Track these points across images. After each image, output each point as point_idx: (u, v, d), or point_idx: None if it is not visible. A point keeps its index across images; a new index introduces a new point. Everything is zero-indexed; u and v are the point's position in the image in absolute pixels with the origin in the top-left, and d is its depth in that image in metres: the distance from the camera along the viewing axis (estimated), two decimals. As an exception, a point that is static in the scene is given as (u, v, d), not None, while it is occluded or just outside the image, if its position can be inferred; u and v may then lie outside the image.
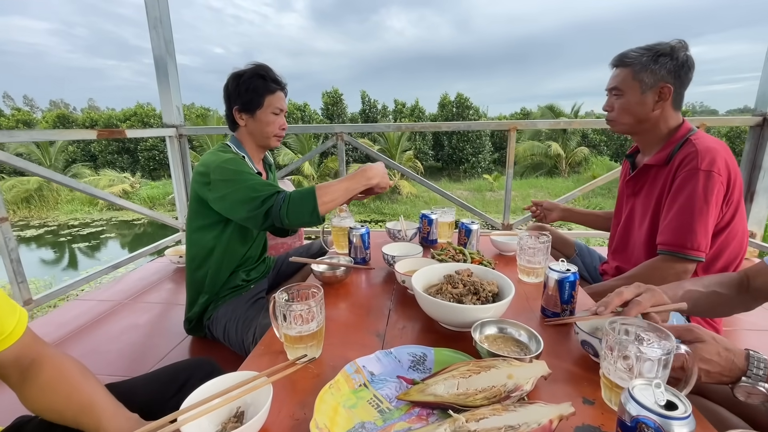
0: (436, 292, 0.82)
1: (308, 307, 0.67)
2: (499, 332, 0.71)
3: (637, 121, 1.09)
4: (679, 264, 0.98)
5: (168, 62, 2.08)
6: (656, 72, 1.02)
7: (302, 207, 1.00)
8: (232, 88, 1.18)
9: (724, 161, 0.98)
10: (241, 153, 1.20)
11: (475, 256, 1.04)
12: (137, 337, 1.41)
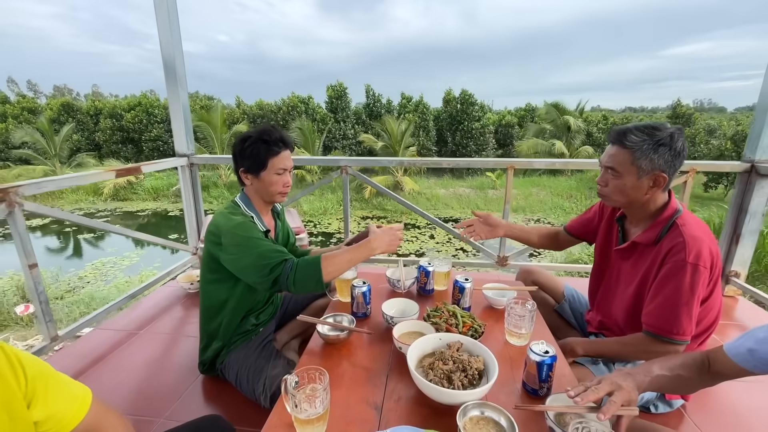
0: (429, 367, 0.92)
1: (315, 394, 0.77)
2: (481, 414, 0.81)
3: (629, 201, 1.16)
4: (664, 346, 1.08)
5: (180, 94, 2.17)
6: (654, 161, 1.08)
7: (308, 277, 1.10)
8: (237, 150, 1.28)
9: (708, 251, 1.06)
10: (250, 213, 1.29)
11: (467, 321, 1.14)
12: (154, 371, 1.52)
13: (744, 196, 1.99)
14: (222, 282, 1.27)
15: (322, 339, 1.13)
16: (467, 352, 0.96)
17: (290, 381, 0.79)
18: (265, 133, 1.26)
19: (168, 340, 1.74)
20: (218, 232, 1.21)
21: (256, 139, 1.25)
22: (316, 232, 12.99)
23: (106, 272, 9.66)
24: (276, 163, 1.27)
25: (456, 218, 14.66)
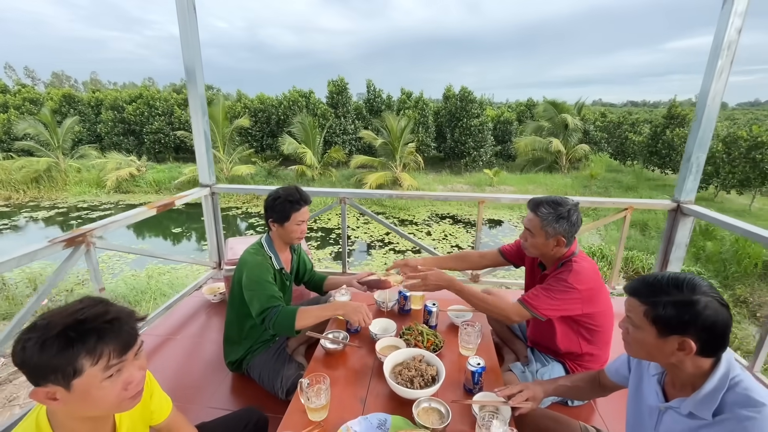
0: (398, 373, 1.34)
1: (320, 390, 1.19)
2: (429, 405, 1.23)
3: (541, 254, 1.60)
4: (524, 311, 1.50)
5: (204, 130, 2.56)
6: (556, 228, 1.50)
7: (284, 325, 1.53)
8: (269, 205, 1.69)
9: (588, 278, 1.49)
10: (269, 254, 1.71)
11: (431, 338, 1.55)
12: (192, 369, 1.94)
13: (671, 230, 2.40)
14: (247, 304, 1.67)
15: (324, 350, 1.54)
16: (426, 363, 1.38)
17: (304, 383, 1.21)
18: (291, 195, 1.68)
19: (198, 344, 2.16)
20: (242, 267, 1.63)
21: (284, 200, 1.66)
22: (316, 228, 13.37)
23: (113, 265, 9.95)
24: (297, 217, 1.69)
25: (453, 215, 15.01)
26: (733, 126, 26.99)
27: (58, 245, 1.68)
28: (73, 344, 0.71)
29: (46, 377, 0.72)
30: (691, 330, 0.89)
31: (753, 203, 16.36)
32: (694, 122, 2.22)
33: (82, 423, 0.82)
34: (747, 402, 0.86)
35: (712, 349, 0.91)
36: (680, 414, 0.97)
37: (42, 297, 1.60)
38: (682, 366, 0.95)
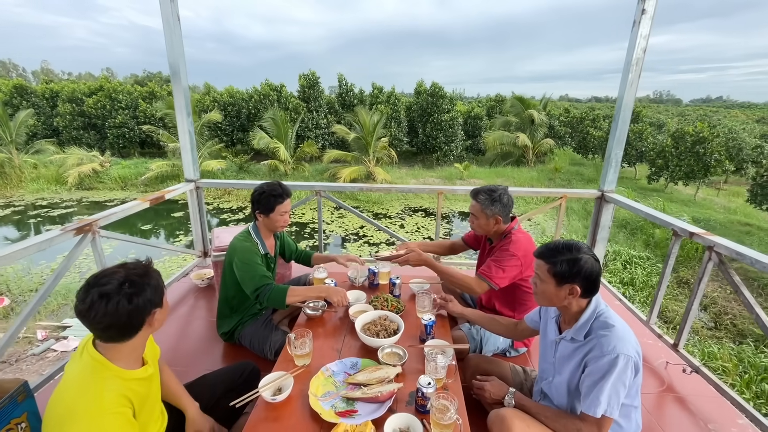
0: (367, 329, 1.67)
1: (305, 342, 1.50)
2: (391, 350, 1.57)
3: (486, 232, 1.98)
4: (484, 281, 1.88)
5: (188, 129, 2.76)
6: (493, 210, 1.88)
7: (276, 300, 1.82)
8: (256, 198, 1.96)
9: (524, 247, 1.87)
10: (256, 240, 1.98)
11: (394, 303, 1.89)
12: (189, 341, 2.20)
13: (598, 215, 2.87)
14: (238, 285, 1.95)
15: (306, 316, 1.85)
16: (389, 320, 1.72)
17: (292, 336, 1.52)
18: (274, 189, 1.96)
19: (190, 322, 2.41)
20: (233, 252, 1.91)
21: (268, 194, 1.94)
22: (291, 222, 13.49)
23: (79, 264, 9.71)
24: (280, 209, 1.97)
25: (425, 208, 15.49)
26: (683, 122, 29.10)
27: (69, 233, 1.89)
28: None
29: (155, 304, 1.10)
30: (577, 279, 1.28)
31: (697, 193, 17.88)
32: (612, 124, 2.67)
33: (132, 352, 1.13)
34: (604, 326, 1.27)
35: (589, 292, 1.31)
36: (566, 340, 1.36)
37: (59, 278, 1.81)
38: (570, 306, 1.34)
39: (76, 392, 1.02)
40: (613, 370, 1.19)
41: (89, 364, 1.06)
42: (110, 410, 1.02)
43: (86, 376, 1.05)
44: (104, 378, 1.05)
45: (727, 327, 7.66)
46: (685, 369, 2.01)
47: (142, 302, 1.05)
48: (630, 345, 1.22)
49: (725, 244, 1.85)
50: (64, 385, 1.05)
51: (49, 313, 7.14)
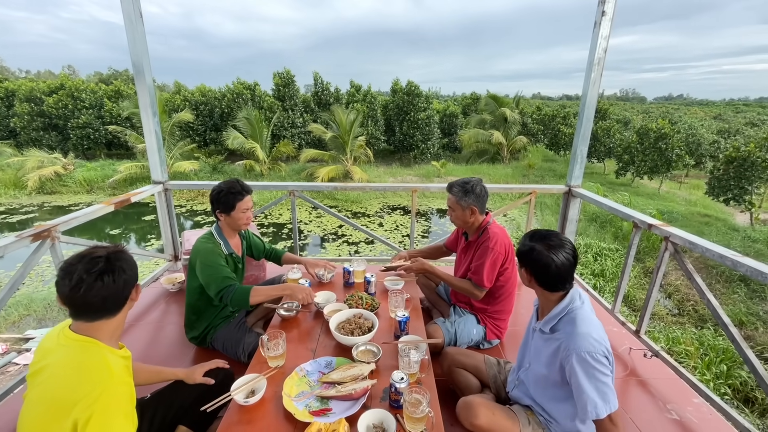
0: (342, 327, 1.68)
1: (278, 343, 1.49)
2: (366, 348, 1.58)
3: (465, 223, 2.02)
4: (475, 287, 1.95)
5: (154, 129, 2.67)
6: (467, 200, 1.92)
7: (240, 300, 1.78)
8: (214, 198, 1.91)
9: (501, 242, 1.92)
10: (219, 240, 1.94)
11: (369, 301, 1.90)
12: (158, 347, 2.13)
13: (565, 209, 2.98)
14: (201, 288, 1.90)
15: (281, 317, 1.84)
16: (364, 318, 1.73)
17: (264, 339, 1.50)
18: (233, 187, 1.91)
19: (161, 327, 2.34)
20: (195, 255, 1.87)
21: (227, 192, 1.89)
22: (267, 224, 13.26)
23: (42, 272, 9.24)
24: (241, 205, 1.93)
25: (404, 206, 15.57)
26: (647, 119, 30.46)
27: (25, 239, 1.79)
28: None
29: (136, 280, 1.17)
30: (529, 265, 1.36)
31: (661, 187, 18.79)
32: (578, 121, 2.77)
33: (114, 331, 1.16)
34: (571, 322, 1.31)
35: (548, 285, 1.35)
36: (537, 331, 1.41)
37: (14, 288, 1.71)
38: (541, 297, 1.41)
39: (78, 372, 1.03)
40: (596, 373, 1.22)
41: (79, 346, 1.07)
42: (120, 380, 1.07)
43: (82, 355, 1.06)
44: (102, 353, 1.08)
45: (689, 313, 8.11)
46: (646, 354, 2.12)
47: (129, 276, 1.13)
48: (603, 344, 1.25)
49: (680, 234, 1.96)
50: (55, 373, 1.05)
51: (10, 324, 6.75)
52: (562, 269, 1.31)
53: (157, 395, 1.49)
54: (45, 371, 1.07)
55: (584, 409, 1.24)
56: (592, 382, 1.22)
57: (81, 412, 0.98)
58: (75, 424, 0.99)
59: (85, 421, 0.98)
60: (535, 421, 1.42)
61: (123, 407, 1.05)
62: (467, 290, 2.01)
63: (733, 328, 1.66)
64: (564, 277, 1.33)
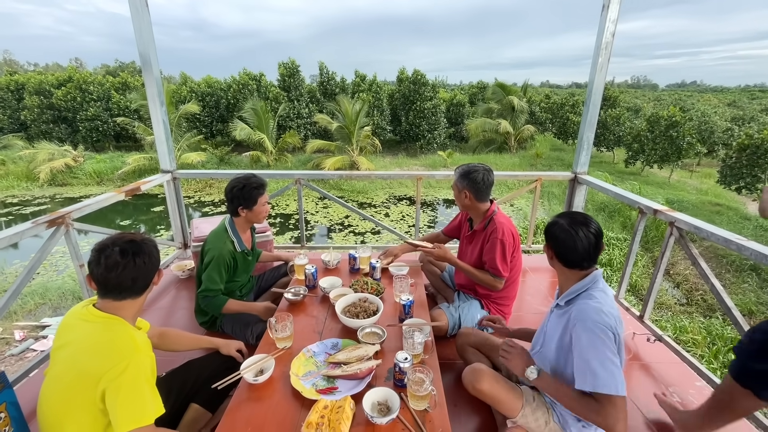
0: (347, 311, 1.72)
1: (285, 325, 1.53)
2: (371, 331, 1.62)
3: (463, 206, 2.05)
4: (495, 278, 1.97)
5: (162, 119, 2.71)
6: (462, 183, 1.96)
7: (214, 308, 1.94)
8: (237, 194, 1.94)
9: (509, 230, 1.93)
10: (233, 237, 1.99)
11: (374, 285, 1.94)
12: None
13: (571, 196, 2.97)
14: None
15: (288, 302, 1.88)
16: (369, 302, 1.77)
17: (272, 321, 1.55)
18: (254, 181, 1.96)
19: (172, 312, 2.41)
20: (206, 253, 1.93)
21: (250, 187, 1.94)
22: (275, 214, 13.36)
23: (56, 262, 9.46)
24: (261, 200, 1.98)
25: (409, 196, 15.55)
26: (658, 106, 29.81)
27: (41, 225, 1.85)
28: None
29: (159, 264, 1.26)
30: (550, 239, 1.38)
31: (672, 176, 18.49)
32: (584, 108, 2.74)
33: (136, 312, 1.25)
34: (588, 297, 1.32)
35: (567, 261, 1.36)
36: (554, 307, 1.43)
37: (32, 272, 1.78)
38: (561, 276, 1.42)
39: (106, 345, 1.11)
40: (590, 337, 1.22)
41: (106, 323, 1.15)
42: (145, 352, 1.15)
43: (109, 330, 1.14)
44: (128, 329, 1.17)
45: (698, 302, 8.06)
46: (649, 338, 2.14)
47: (155, 261, 1.23)
48: (612, 318, 1.24)
49: (685, 219, 1.95)
50: (82, 347, 1.12)
51: (26, 313, 6.96)
52: (581, 246, 1.30)
53: (171, 374, 1.56)
54: (70, 346, 1.14)
55: (583, 377, 1.20)
56: (594, 351, 1.20)
57: (109, 382, 1.05)
58: (103, 394, 1.05)
59: (115, 392, 1.05)
60: (541, 401, 1.45)
61: (149, 379, 1.14)
62: (488, 282, 2.00)
63: (736, 312, 1.67)
64: (582, 254, 1.32)
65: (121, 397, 1.06)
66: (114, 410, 1.06)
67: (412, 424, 1.22)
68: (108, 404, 1.06)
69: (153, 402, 1.13)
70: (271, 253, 2.44)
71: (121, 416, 1.06)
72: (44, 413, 1.13)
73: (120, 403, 1.06)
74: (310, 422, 1.18)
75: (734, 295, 7.99)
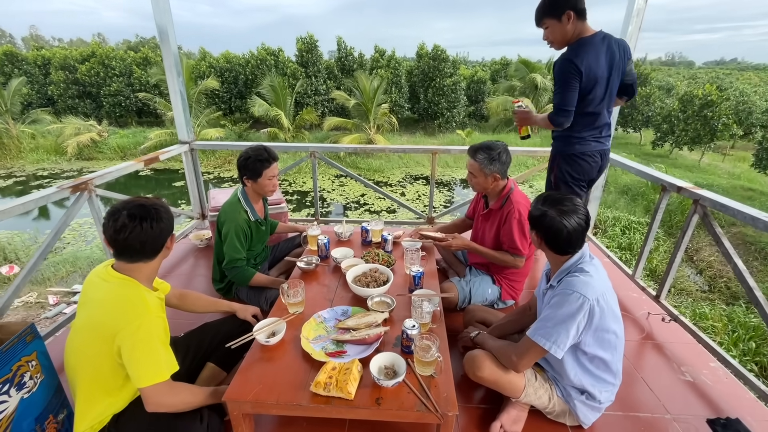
0: (358, 280, 1.74)
1: (297, 291, 1.57)
2: (380, 300, 1.64)
3: (484, 189, 1.99)
4: (514, 258, 1.95)
5: (179, 89, 2.73)
6: (492, 169, 1.88)
7: (240, 279, 1.99)
8: (241, 164, 1.96)
9: (526, 209, 1.90)
10: (246, 207, 2.02)
11: (384, 257, 1.95)
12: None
13: (591, 173, 2.86)
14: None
15: (300, 270, 1.92)
16: (379, 272, 1.79)
17: (285, 287, 1.59)
18: (260, 154, 1.96)
19: (191, 278, 2.51)
20: (221, 224, 1.98)
21: (254, 159, 1.94)
22: (291, 191, 13.51)
23: (84, 233, 9.91)
24: (267, 173, 1.99)
25: (426, 175, 15.41)
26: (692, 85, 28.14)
27: (65, 190, 1.93)
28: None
29: (171, 231, 1.26)
30: (539, 229, 1.36)
31: (702, 159, 17.63)
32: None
33: (150, 274, 1.28)
34: (576, 271, 1.31)
35: (559, 249, 1.35)
36: (547, 288, 1.42)
37: (57, 235, 1.87)
38: (551, 259, 1.42)
39: (120, 304, 1.16)
40: (564, 304, 1.26)
41: (120, 284, 1.20)
42: (155, 313, 1.19)
43: (122, 290, 1.19)
44: (140, 290, 1.21)
45: (721, 290, 7.82)
46: (664, 318, 2.09)
47: (166, 225, 1.23)
48: (592, 290, 1.25)
49: (710, 196, 1.87)
50: (100, 305, 1.19)
51: (59, 279, 7.39)
52: (574, 235, 1.30)
53: (188, 335, 1.63)
54: (91, 303, 1.21)
55: (533, 327, 1.33)
56: (561, 318, 1.26)
57: (123, 340, 1.12)
58: (119, 350, 1.12)
59: (130, 350, 1.12)
60: (543, 377, 1.46)
61: (162, 338, 1.19)
62: (508, 262, 1.98)
63: (758, 292, 1.61)
64: (575, 242, 1.32)
65: (136, 355, 1.12)
66: (131, 367, 1.13)
67: (417, 388, 1.25)
68: (124, 360, 1.13)
69: (167, 360, 1.19)
70: (287, 225, 2.48)
71: (138, 373, 1.13)
72: (69, 362, 1.21)
73: (135, 361, 1.12)
74: (319, 381, 1.22)
75: (761, 283, 7.71)
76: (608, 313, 1.29)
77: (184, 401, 1.25)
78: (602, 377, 1.38)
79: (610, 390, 1.41)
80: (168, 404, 1.20)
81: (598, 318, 1.26)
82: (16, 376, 1.18)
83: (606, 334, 1.31)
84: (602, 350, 1.33)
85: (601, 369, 1.37)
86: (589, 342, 1.31)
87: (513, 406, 1.45)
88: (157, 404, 1.18)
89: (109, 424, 1.23)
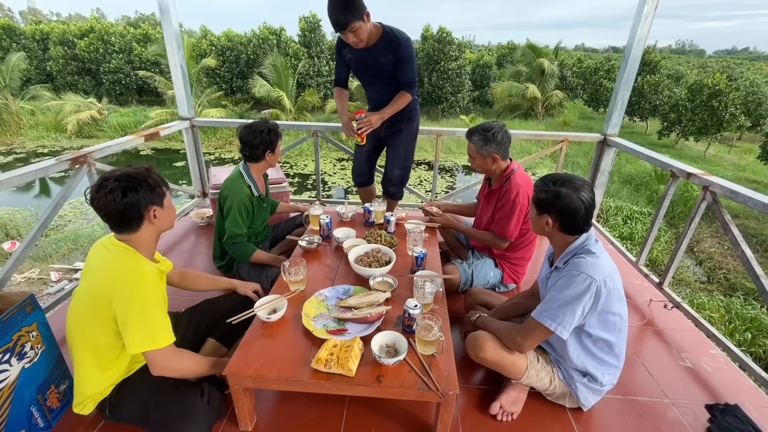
0: (360, 260, 1.72)
1: (299, 269, 1.56)
2: (382, 279, 1.63)
3: (486, 171, 1.96)
4: (499, 239, 1.95)
5: (180, 64, 2.66)
6: (488, 149, 1.84)
7: (241, 255, 1.98)
8: (264, 138, 1.95)
9: (525, 192, 1.87)
10: (249, 182, 2.00)
11: (387, 238, 1.93)
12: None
13: (598, 159, 2.82)
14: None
15: (302, 249, 1.90)
16: (382, 253, 1.77)
17: (286, 264, 1.57)
18: (275, 126, 2.00)
19: (192, 256, 2.50)
20: (224, 200, 1.95)
21: (274, 131, 1.98)
22: (293, 173, 13.44)
23: (85, 211, 9.89)
24: (280, 144, 2.02)
25: (428, 161, 15.31)
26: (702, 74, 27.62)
27: (65, 163, 1.90)
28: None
29: (152, 202, 1.20)
30: (552, 211, 1.32)
31: (708, 149, 17.44)
32: (622, 62, 2.54)
33: (146, 245, 1.25)
34: (583, 253, 1.30)
35: (574, 228, 1.32)
36: (552, 270, 1.41)
37: (57, 209, 1.85)
38: (561, 241, 1.38)
39: (116, 272, 1.16)
40: (571, 285, 1.24)
41: (119, 251, 1.20)
42: (152, 281, 1.18)
43: (120, 258, 1.19)
44: (138, 258, 1.21)
45: (720, 281, 7.84)
46: (666, 305, 2.09)
47: (136, 198, 1.16)
48: (599, 272, 1.24)
49: (720, 183, 1.84)
50: (99, 272, 1.19)
51: (61, 257, 7.42)
52: (590, 209, 1.30)
53: (190, 310, 1.63)
54: (94, 271, 1.21)
55: (539, 308, 1.32)
56: (568, 299, 1.24)
57: (118, 307, 1.11)
58: (115, 317, 1.12)
59: (125, 316, 1.11)
60: (545, 360, 1.45)
61: (158, 307, 1.19)
62: (489, 241, 2.02)
63: (765, 280, 1.59)
64: (589, 217, 1.32)
65: (131, 321, 1.12)
66: (125, 333, 1.13)
67: (418, 367, 1.25)
68: (120, 327, 1.13)
69: (163, 328, 1.19)
70: (288, 204, 2.46)
71: (131, 339, 1.13)
72: (70, 330, 1.21)
73: (130, 327, 1.12)
74: (320, 358, 1.22)
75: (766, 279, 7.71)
76: (614, 295, 1.28)
77: (186, 366, 1.27)
78: (606, 360, 1.37)
79: (613, 373, 1.41)
80: (173, 368, 1.22)
81: (603, 299, 1.25)
82: (16, 345, 1.18)
83: (611, 315, 1.30)
84: (606, 332, 1.33)
85: (604, 351, 1.37)
86: (593, 324, 1.30)
87: (513, 388, 1.46)
88: (162, 367, 1.19)
89: (110, 395, 1.24)
